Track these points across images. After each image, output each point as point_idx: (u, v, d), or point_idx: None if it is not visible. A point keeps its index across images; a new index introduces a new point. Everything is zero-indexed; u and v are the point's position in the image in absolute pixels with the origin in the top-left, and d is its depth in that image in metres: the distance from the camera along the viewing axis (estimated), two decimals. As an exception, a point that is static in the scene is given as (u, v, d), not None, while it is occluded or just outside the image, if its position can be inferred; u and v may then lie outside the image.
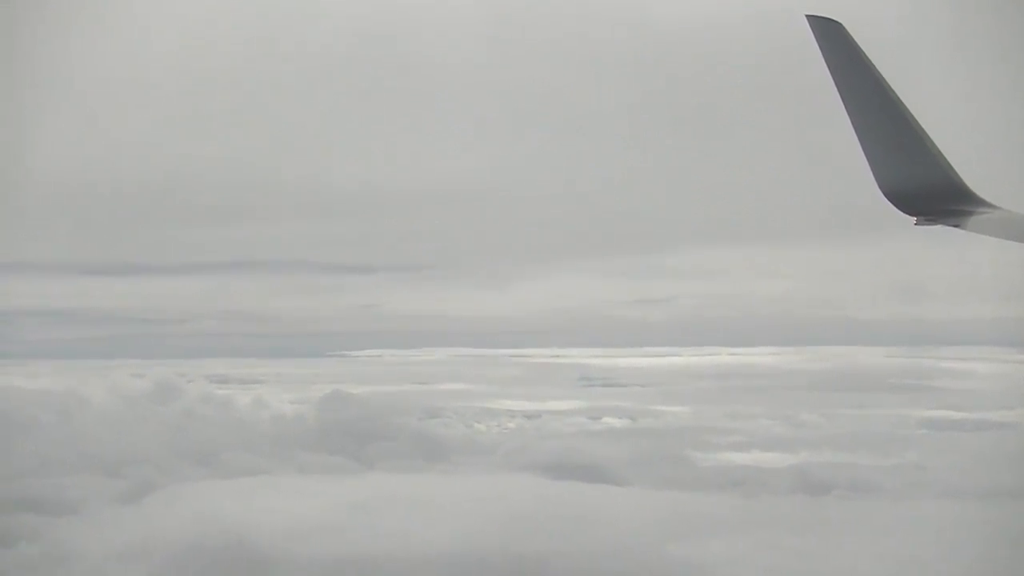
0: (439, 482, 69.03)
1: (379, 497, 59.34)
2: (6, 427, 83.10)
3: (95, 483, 71.00)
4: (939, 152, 12.23)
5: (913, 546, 51.23)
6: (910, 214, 12.25)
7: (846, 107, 12.15)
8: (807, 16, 12.11)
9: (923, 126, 12.16)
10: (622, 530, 53.92)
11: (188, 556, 49.92)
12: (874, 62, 12.05)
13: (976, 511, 57.75)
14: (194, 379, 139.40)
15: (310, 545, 50.55)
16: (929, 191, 12.13)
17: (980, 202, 12.19)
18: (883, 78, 12.04)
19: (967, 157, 12.46)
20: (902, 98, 12.10)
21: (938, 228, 12.11)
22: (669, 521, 56.16)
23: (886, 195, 12.23)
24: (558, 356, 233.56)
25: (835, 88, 12.14)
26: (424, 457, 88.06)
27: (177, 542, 51.21)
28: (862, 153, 12.22)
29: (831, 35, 12.04)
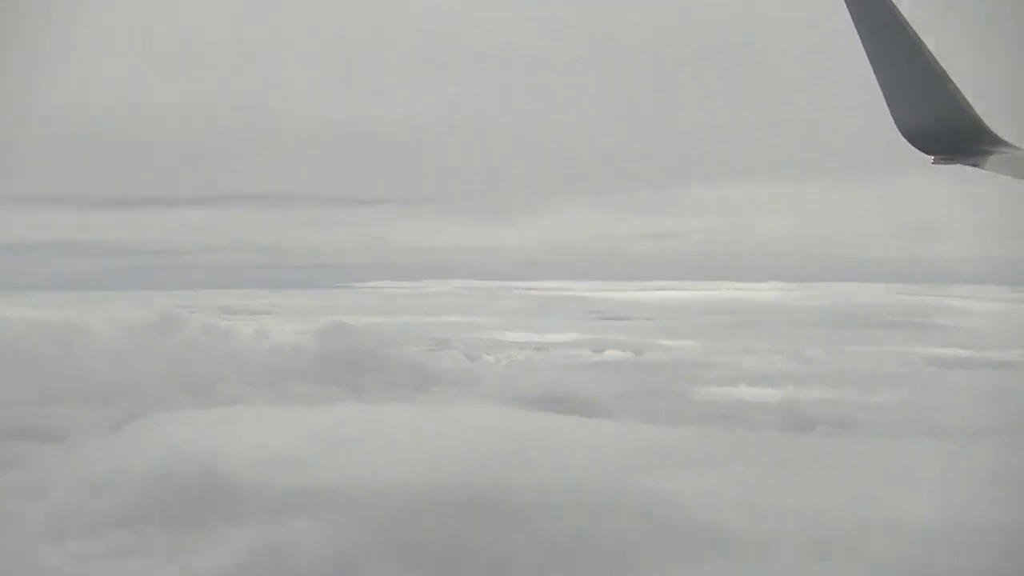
0: (422, 413, 68.45)
1: (355, 427, 59.02)
2: (5, 357, 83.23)
3: (84, 413, 71.17)
4: (958, 90, 11.68)
5: (907, 482, 50.85)
6: (928, 153, 11.79)
7: (862, 41, 11.58)
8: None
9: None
10: (596, 462, 53.26)
11: (158, 484, 50.08)
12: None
13: (973, 449, 57.55)
14: (199, 310, 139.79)
15: (277, 475, 50.43)
16: (948, 130, 11.67)
17: (999, 141, 11.72)
18: (900, 12, 11.44)
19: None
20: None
21: (951, 167, 11.67)
22: (649, 454, 55.42)
23: (903, 133, 11.75)
24: (566, 289, 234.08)
25: (850, 21, 11.55)
26: (416, 388, 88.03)
27: (149, 471, 51.32)
28: (878, 90, 11.68)
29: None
